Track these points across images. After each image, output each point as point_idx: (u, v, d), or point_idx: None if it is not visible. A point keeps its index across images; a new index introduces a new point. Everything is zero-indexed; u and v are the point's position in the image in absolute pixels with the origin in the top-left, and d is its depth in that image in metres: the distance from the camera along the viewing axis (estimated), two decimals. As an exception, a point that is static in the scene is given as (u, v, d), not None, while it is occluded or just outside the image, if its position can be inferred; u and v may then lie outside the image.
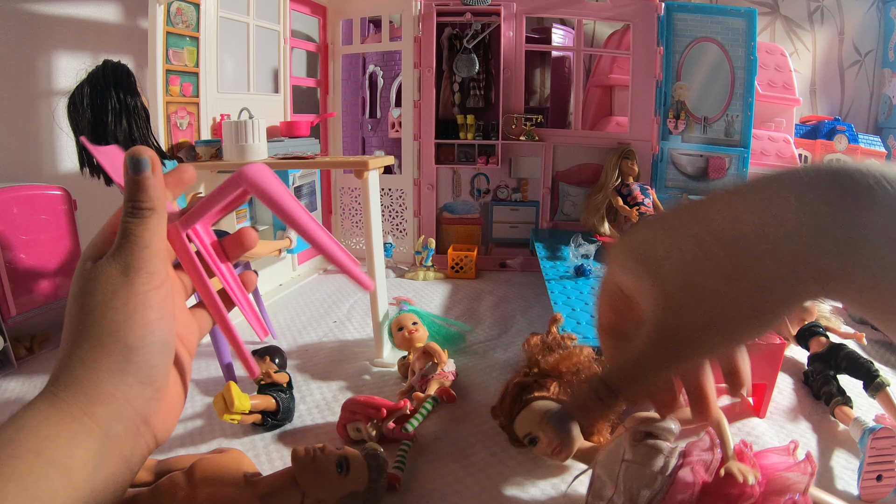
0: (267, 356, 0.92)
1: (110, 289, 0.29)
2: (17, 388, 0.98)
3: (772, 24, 2.24)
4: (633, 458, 0.57)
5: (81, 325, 0.29)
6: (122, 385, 0.28)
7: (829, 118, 2.12)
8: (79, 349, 0.28)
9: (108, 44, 1.50)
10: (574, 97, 1.95)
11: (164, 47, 1.22)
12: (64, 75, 1.41)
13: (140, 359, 0.29)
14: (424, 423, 0.82)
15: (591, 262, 1.32)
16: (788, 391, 0.93)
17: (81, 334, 0.29)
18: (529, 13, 1.81)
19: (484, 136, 1.80)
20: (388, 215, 1.92)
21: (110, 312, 0.28)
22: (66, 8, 1.41)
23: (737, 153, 1.68)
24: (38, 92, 1.38)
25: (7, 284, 1.05)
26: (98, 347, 0.28)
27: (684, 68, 1.68)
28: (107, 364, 0.28)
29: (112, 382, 0.28)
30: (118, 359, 0.28)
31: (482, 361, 1.07)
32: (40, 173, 1.38)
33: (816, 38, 2.25)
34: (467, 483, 0.70)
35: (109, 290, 0.29)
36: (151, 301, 0.29)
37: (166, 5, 1.20)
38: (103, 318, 0.29)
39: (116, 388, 0.28)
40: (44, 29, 1.37)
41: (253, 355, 0.88)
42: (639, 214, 1.46)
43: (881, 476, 0.65)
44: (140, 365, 0.29)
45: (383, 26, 1.89)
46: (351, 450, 0.63)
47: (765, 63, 1.87)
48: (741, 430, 0.82)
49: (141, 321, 0.29)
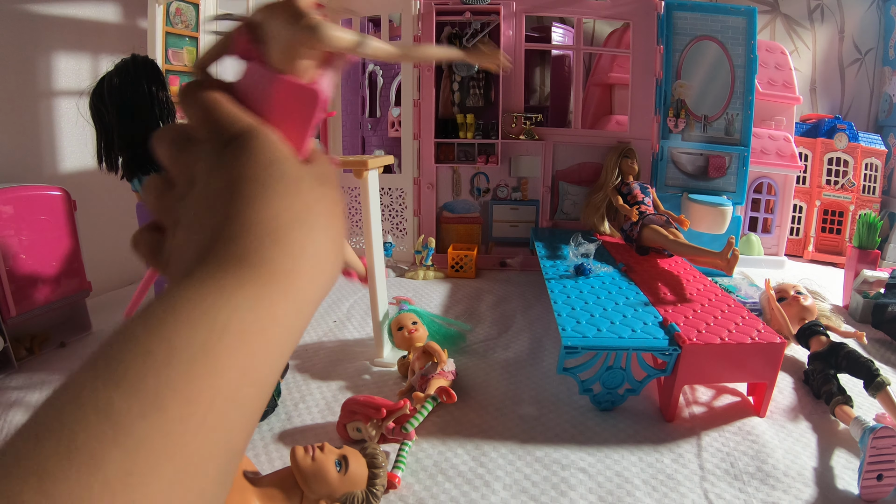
0: None
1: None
2: (17, 388, 0.98)
3: (772, 22, 2.24)
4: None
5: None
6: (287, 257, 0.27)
7: (829, 116, 2.12)
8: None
9: (107, 44, 1.50)
10: (574, 96, 1.94)
11: (163, 47, 1.22)
12: (64, 75, 1.41)
13: (329, 238, 0.29)
14: (425, 423, 0.82)
15: (591, 262, 1.31)
16: (789, 390, 0.93)
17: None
18: (529, 12, 1.81)
19: (484, 135, 1.80)
20: (388, 214, 1.92)
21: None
22: (66, 9, 1.41)
23: (737, 152, 1.68)
24: (38, 92, 1.37)
25: (7, 285, 1.05)
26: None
27: (684, 67, 1.67)
28: (301, 239, 0.28)
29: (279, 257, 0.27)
30: (310, 234, 0.28)
31: (482, 361, 1.07)
32: (40, 174, 1.38)
33: (817, 36, 2.25)
34: (468, 483, 0.70)
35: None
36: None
37: (165, 5, 1.20)
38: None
39: (302, 261, 0.27)
40: (44, 29, 1.37)
41: None
42: (639, 213, 1.46)
43: (882, 475, 0.65)
44: (328, 241, 0.29)
45: (383, 25, 1.88)
46: (350, 449, 0.63)
47: (765, 61, 1.86)
48: (741, 430, 0.82)
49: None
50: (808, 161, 2.00)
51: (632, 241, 1.43)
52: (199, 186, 0.29)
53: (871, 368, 0.86)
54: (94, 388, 0.19)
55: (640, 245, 1.39)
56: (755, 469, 0.71)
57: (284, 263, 0.26)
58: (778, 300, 1.13)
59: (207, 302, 0.22)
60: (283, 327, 0.25)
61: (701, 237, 1.66)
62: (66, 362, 1.10)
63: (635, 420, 0.83)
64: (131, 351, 0.20)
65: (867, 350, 1.06)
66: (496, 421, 0.83)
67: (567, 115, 2.26)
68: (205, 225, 0.27)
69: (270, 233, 0.26)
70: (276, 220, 0.27)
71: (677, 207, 1.68)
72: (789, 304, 1.11)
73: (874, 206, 2.00)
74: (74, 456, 0.17)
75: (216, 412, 0.21)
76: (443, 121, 1.83)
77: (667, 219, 1.39)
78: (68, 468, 0.17)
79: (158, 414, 0.19)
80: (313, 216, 0.30)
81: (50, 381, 1.01)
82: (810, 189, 2.00)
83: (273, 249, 0.26)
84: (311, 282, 0.28)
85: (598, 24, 2.30)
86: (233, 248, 0.25)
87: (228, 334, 0.22)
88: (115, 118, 0.86)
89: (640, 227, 1.39)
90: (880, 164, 2.02)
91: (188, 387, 0.20)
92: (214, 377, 0.21)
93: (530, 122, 1.78)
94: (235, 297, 0.23)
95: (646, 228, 1.36)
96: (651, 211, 1.48)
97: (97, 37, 1.48)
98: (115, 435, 0.18)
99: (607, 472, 0.70)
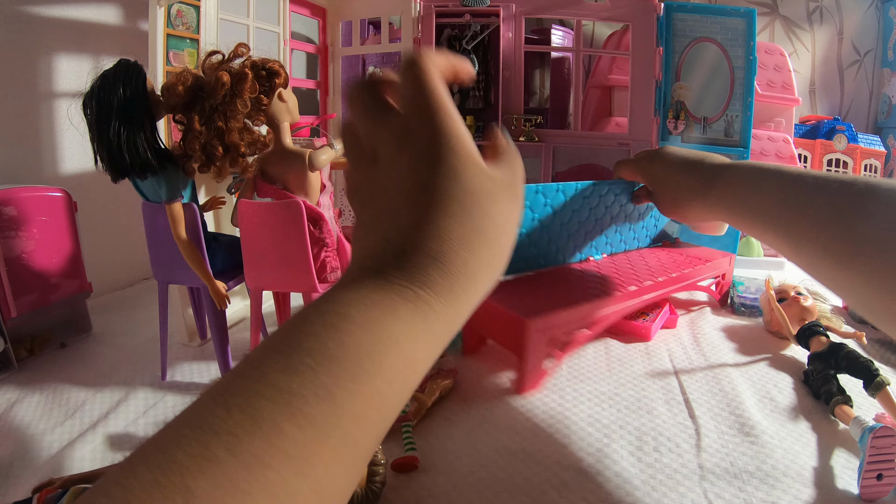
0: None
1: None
2: (17, 389, 0.99)
3: (771, 24, 2.24)
4: None
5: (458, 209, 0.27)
6: (475, 280, 0.27)
7: (828, 118, 2.12)
8: (445, 234, 0.27)
9: (108, 46, 1.50)
10: (573, 98, 1.95)
11: (164, 49, 1.23)
12: (64, 77, 1.41)
13: (503, 258, 0.29)
14: (424, 423, 0.82)
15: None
16: (788, 390, 0.93)
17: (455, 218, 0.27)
18: (528, 14, 1.81)
19: (484, 136, 1.80)
20: (389, 216, 1.92)
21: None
22: (67, 10, 1.42)
23: (736, 153, 1.69)
24: (38, 94, 1.38)
25: (7, 286, 1.05)
26: (471, 240, 0.27)
27: (684, 68, 1.68)
28: (477, 259, 0.27)
29: (468, 282, 0.27)
30: (487, 254, 0.28)
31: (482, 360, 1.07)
32: (41, 175, 1.39)
33: (816, 37, 2.26)
34: (468, 483, 0.69)
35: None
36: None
37: (166, 7, 1.21)
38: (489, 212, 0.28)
39: (470, 282, 0.27)
40: (44, 31, 1.37)
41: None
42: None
43: (881, 475, 0.65)
44: (501, 262, 0.29)
45: (383, 28, 1.89)
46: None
47: (764, 63, 1.87)
48: (741, 429, 0.81)
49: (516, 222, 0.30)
50: (808, 162, 2.01)
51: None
52: (386, 169, 0.29)
53: (871, 368, 0.86)
54: (276, 369, 0.21)
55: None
56: (755, 468, 0.71)
57: (462, 283, 0.27)
58: (778, 300, 1.13)
59: (377, 310, 0.24)
60: (438, 343, 0.27)
61: (701, 238, 1.66)
62: (66, 363, 1.10)
63: (635, 420, 0.83)
64: (309, 345, 0.22)
65: (867, 350, 1.06)
66: (497, 420, 0.83)
67: (567, 116, 2.27)
68: (395, 217, 0.27)
69: (457, 251, 0.27)
70: (465, 237, 0.27)
71: (677, 209, 1.68)
72: (789, 305, 1.11)
73: (874, 207, 2.00)
74: (259, 423, 0.19)
75: (371, 409, 0.23)
76: (443, 122, 1.83)
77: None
78: (253, 434, 0.19)
79: (329, 401, 0.21)
80: (503, 238, 0.30)
81: (50, 382, 1.01)
82: (810, 190, 2.00)
83: (457, 266, 0.26)
84: (474, 299, 0.29)
85: (598, 26, 2.30)
86: (421, 258, 0.26)
87: (394, 345, 0.24)
88: (95, 125, 0.87)
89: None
90: (879, 165, 2.02)
91: (353, 383, 0.22)
92: (374, 378, 0.23)
93: (530, 124, 1.79)
94: (407, 310, 0.25)
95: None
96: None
97: (97, 39, 1.49)
98: (292, 412, 0.20)
99: (606, 472, 0.70)
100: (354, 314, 0.24)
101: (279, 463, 0.19)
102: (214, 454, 0.18)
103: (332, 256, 1.00)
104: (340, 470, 0.21)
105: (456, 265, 0.26)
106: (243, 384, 0.21)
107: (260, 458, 0.19)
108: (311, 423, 0.20)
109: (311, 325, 0.23)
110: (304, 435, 0.20)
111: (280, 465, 0.19)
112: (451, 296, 0.26)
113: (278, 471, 0.19)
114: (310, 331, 0.23)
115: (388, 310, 0.24)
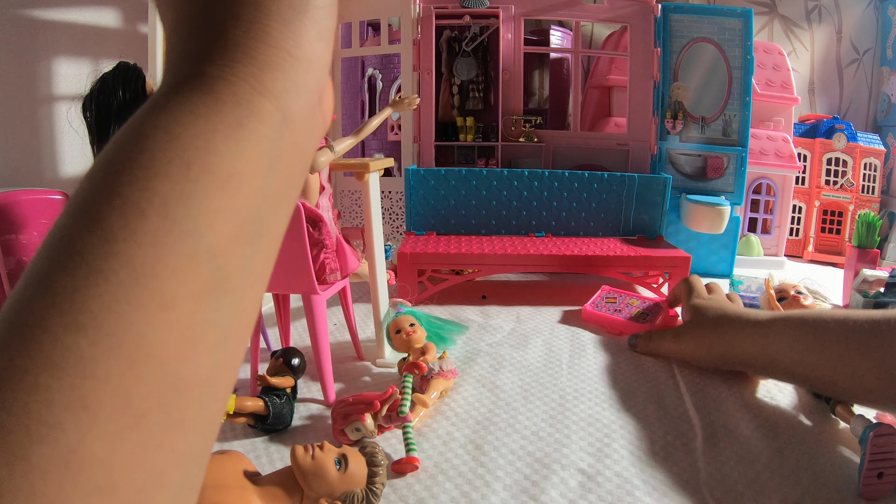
0: (281, 358, 0.91)
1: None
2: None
3: (769, 23, 2.24)
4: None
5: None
6: (300, 40, 0.21)
7: (827, 117, 2.12)
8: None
9: (107, 49, 1.51)
10: (573, 98, 1.95)
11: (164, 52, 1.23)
12: (64, 80, 1.42)
13: (318, 2, 0.21)
14: (425, 423, 0.82)
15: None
16: (789, 389, 0.93)
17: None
18: (528, 15, 1.82)
19: (483, 137, 1.81)
20: (388, 218, 1.93)
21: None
22: (66, 14, 1.42)
23: (735, 152, 1.69)
24: (38, 97, 1.38)
25: (8, 288, 1.06)
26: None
27: (681, 69, 1.68)
28: (279, 11, 0.21)
29: (288, 37, 0.21)
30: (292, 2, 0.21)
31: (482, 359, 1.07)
32: (41, 178, 1.39)
33: (814, 36, 2.26)
34: (468, 483, 0.70)
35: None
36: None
37: (165, 10, 1.21)
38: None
39: (295, 46, 0.21)
40: (44, 34, 1.38)
41: (273, 355, 0.89)
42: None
43: (882, 473, 0.65)
44: (318, 9, 0.21)
45: (382, 29, 1.89)
46: (350, 448, 0.64)
47: (763, 62, 1.87)
48: (741, 429, 0.81)
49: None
50: (807, 161, 2.01)
51: None
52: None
53: (871, 367, 0.86)
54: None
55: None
56: (755, 468, 0.71)
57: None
58: (778, 300, 1.13)
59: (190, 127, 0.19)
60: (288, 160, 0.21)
61: (700, 237, 1.66)
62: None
63: (635, 419, 0.83)
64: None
65: (867, 349, 1.06)
66: (498, 420, 0.83)
67: (566, 117, 2.27)
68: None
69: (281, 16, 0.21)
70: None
71: (676, 208, 1.68)
72: (789, 304, 1.11)
73: (873, 205, 2.00)
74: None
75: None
76: (442, 124, 1.84)
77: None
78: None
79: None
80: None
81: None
82: (809, 189, 2.01)
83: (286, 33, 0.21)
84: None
85: (597, 26, 2.31)
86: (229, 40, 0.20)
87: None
88: (94, 128, 0.87)
89: None
90: (879, 163, 2.02)
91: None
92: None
93: (530, 124, 1.79)
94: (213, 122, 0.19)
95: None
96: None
97: (97, 42, 1.49)
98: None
99: (607, 472, 0.70)
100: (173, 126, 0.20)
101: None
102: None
103: (331, 258, 1.00)
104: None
105: (246, 21, 0.20)
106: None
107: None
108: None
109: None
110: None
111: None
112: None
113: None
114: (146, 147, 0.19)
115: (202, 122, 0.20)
